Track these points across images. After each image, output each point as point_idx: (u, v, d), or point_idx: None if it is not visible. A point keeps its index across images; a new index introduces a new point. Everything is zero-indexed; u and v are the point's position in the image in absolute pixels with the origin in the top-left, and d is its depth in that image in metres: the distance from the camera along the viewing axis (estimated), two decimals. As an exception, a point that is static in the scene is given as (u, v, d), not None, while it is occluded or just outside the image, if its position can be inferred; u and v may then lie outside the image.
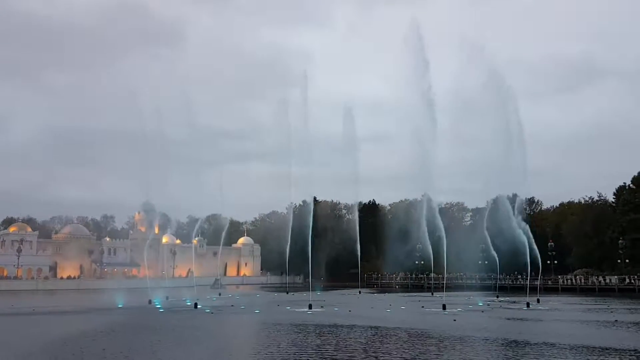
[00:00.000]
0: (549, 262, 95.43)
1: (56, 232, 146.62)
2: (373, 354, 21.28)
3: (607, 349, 21.53)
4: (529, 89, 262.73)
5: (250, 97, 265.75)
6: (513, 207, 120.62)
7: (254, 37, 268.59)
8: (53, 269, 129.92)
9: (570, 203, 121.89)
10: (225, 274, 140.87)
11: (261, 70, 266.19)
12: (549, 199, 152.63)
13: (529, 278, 54.19)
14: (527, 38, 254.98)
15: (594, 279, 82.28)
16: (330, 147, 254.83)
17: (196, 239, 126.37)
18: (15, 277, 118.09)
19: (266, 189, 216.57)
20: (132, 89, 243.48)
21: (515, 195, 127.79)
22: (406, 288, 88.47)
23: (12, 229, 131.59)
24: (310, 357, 20.29)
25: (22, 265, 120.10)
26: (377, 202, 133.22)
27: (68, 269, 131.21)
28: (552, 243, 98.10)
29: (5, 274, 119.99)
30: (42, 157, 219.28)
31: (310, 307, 43.22)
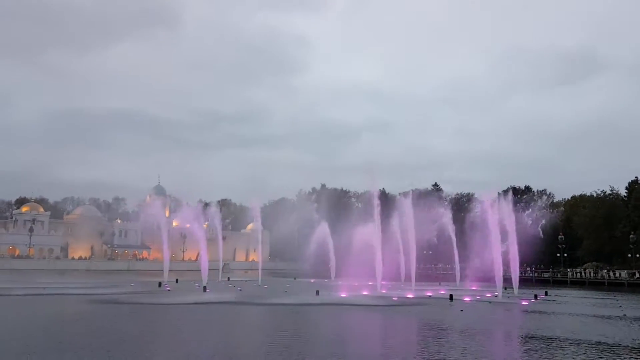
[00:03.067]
0: (558, 254, 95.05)
1: (68, 213, 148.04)
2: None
3: (617, 345, 21.42)
4: (530, 80, 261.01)
5: (248, 82, 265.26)
6: (524, 199, 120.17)
7: (251, 21, 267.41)
8: (64, 249, 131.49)
9: (582, 196, 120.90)
10: (234, 259, 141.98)
11: (259, 55, 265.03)
12: (561, 192, 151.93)
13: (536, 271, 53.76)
14: (529, 30, 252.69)
15: (604, 272, 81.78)
16: (330, 134, 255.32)
17: (206, 223, 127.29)
18: (27, 257, 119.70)
19: (273, 175, 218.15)
20: (132, 72, 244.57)
21: (527, 187, 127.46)
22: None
23: (24, 208, 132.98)
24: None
25: (33, 245, 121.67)
26: (386, 191, 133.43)
27: (79, 250, 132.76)
28: (563, 236, 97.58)
29: (17, 253, 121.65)
30: (51, 138, 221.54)
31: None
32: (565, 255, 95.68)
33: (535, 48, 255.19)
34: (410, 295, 46.47)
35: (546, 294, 52.25)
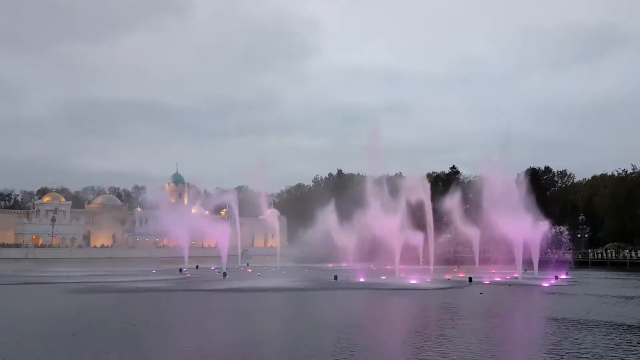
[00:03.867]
0: (579, 235, 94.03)
1: (89, 202, 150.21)
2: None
3: (638, 326, 21.17)
4: (547, 58, 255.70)
5: (260, 67, 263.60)
6: (544, 180, 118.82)
7: (261, 5, 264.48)
8: (87, 238, 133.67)
9: (603, 176, 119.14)
10: (252, 245, 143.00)
11: (270, 40, 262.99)
12: (581, 172, 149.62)
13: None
14: (545, 6, 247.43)
15: (626, 253, 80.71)
16: (344, 118, 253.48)
17: (224, 210, 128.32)
18: (50, 246, 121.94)
19: (288, 162, 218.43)
20: (144, 61, 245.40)
21: (547, 168, 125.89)
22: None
23: (46, 198, 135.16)
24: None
25: (56, 234, 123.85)
26: (403, 175, 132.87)
27: (101, 238, 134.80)
28: (584, 216, 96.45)
29: (40, 242, 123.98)
30: (67, 129, 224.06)
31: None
32: (587, 235, 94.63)
33: (552, 25, 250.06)
34: (428, 279, 46.44)
35: (567, 275, 51.81)
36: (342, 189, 72.87)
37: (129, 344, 16.89)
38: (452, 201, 66.27)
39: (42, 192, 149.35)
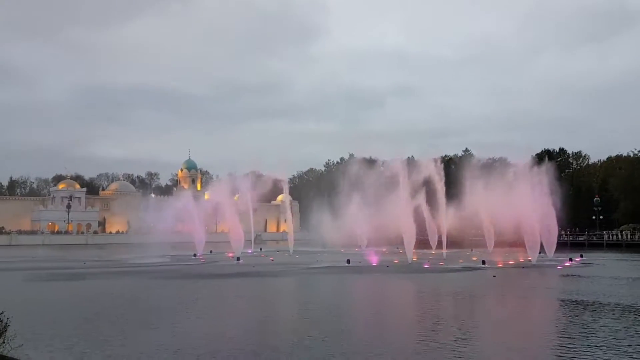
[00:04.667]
0: (594, 217, 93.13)
1: (103, 189, 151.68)
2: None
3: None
4: (558, 38, 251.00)
5: (267, 51, 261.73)
6: (558, 162, 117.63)
7: None
8: (102, 224, 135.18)
9: (618, 157, 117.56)
10: (265, 230, 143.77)
11: (276, 22, 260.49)
12: (596, 153, 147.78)
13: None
14: None
15: (641, 234, 79.93)
16: (354, 101, 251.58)
17: (236, 195, 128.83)
18: (66, 232, 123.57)
19: (299, 146, 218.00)
20: (150, 47, 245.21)
21: (562, 150, 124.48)
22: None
23: (61, 185, 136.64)
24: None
25: (72, 221, 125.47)
26: (415, 158, 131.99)
27: (116, 224, 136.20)
28: (598, 198, 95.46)
29: (56, 229, 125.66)
30: (79, 115, 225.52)
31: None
32: (601, 217, 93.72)
33: (563, 4, 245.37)
34: (441, 263, 46.37)
35: (581, 257, 51.42)
36: (354, 173, 72.67)
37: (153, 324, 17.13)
38: (465, 184, 65.83)
39: (57, 179, 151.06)
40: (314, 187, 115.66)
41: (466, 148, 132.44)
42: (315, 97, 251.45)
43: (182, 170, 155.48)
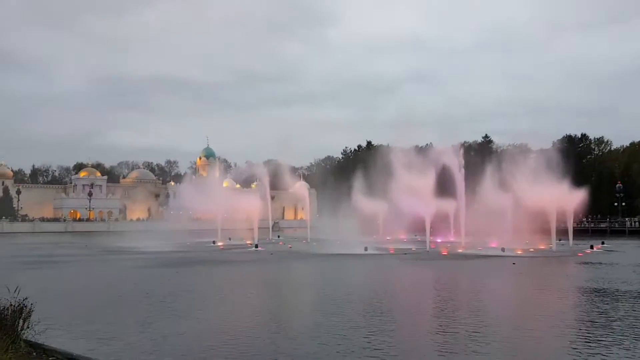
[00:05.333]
0: (616, 204, 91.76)
1: (124, 177, 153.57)
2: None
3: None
4: (577, 20, 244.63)
5: (281, 37, 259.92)
6: (581, 148, 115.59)
7: None
8: (123, 211, 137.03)
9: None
10: (283, 217, 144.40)
11: (290, 8, 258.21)
12: (619, 139, 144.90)
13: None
14: None
15: (665, 221, 78.64)
16: (369, 88, 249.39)
17: (254, 183, 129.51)
18: (88, 220, 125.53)
19: (316, 134, 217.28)
20: (165, 35, 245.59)
21: (584, 135, 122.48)
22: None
23: (82, 173, 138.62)
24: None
25: (93, 208, 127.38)
26: (434, 145, 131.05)
27: (136, 212, 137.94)
28: (621, 184, 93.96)
29: (78, 216, 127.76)
30: (98, 104, 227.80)
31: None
32: (624, 204, 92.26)
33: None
34: (460, 250, 46.15)
35: (603, 244, 50.79)
36: (371, 161, 72.39)
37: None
38: (485, 170, 65.19)
39: (78, 167, 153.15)
40: (332, 175, 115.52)
41: (486, 134, 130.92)
42: (331, 84, 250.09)
43: (200, 158, 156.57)
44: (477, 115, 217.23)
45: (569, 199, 49.68)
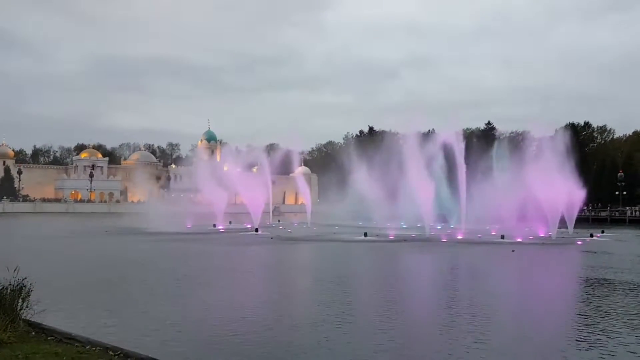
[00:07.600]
0: (617, 192, 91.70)
1: (125, 159, 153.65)
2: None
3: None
4: (578, 6, 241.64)
5: (279, 21, 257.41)
6: (583, 136, 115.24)
7: None
8: (124, 193, 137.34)
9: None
10: (284, 202, 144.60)
11: None
12: (622, 127, 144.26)
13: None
14: None
15: (665, 211, 78.66)
16: (368, 72, 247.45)
17: (255, 167, 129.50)
18: (89, 201, 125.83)
19: (316, 118, 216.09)
20: (163, 16, 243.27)
21: (587, 123, 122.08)
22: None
23: (83, 155, 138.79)
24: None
25: (94, 189, 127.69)
26: (435, 131, 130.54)
27: (137, 194, 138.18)
28: (622, 173, 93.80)
29: (79, 197, 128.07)
30: (97, 85, 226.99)
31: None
32: (625, 193, 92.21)
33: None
34: (459, 236, 46.22)
35: (602, 233, 50.84)
36: (373, 146, 72.22)
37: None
38: (488, 158, 65.09)
39: (80, 148, 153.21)
40: (333, 160, 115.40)
41: (489, 121, 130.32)
42: (330, 69, 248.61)
43: (201, 141, 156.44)
44: (477, 101, 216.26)
45: (570, 187, 49.59)
